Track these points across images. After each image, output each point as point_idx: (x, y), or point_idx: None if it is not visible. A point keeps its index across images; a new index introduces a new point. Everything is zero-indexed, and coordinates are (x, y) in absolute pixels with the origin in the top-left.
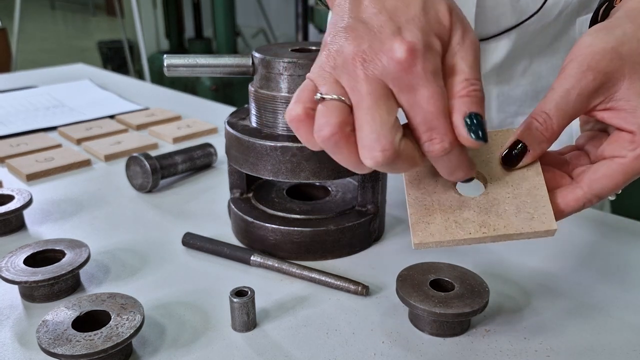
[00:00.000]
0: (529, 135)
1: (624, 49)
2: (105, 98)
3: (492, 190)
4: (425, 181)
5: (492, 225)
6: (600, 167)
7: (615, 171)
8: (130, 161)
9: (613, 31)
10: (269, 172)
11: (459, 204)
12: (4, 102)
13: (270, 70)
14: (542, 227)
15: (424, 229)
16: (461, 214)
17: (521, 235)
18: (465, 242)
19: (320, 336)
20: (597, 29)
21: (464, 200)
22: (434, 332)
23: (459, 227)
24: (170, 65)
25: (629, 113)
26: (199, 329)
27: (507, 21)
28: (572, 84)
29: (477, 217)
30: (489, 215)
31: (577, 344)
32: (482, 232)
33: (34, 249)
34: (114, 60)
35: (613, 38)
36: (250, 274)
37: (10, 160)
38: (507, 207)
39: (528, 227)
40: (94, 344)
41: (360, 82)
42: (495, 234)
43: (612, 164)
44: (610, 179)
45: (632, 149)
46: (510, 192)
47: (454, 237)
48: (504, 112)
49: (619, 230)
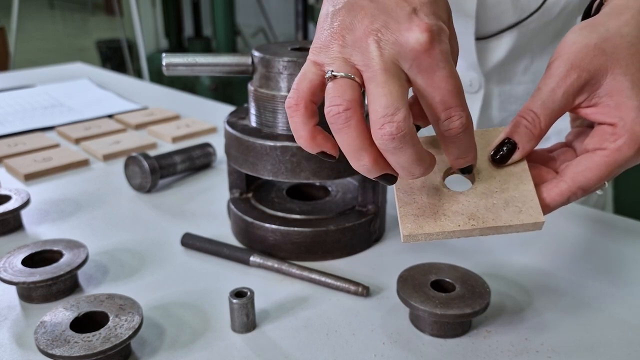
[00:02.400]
0: (517, 133)
1: (607, 45)
2: (104, 97)
3: (480, 185)
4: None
5: (480, 218)
6: (582, 160)
7: (597, 163)
8: (129, 161)
9: (597, 28)
10: (269, 172)
11: (448, 198)
12: (2, 102)
13: (270, 69)
14: (530, 219)
15: (412, 221)
16: (450, 207)
17: (510, 227)
18: (454, 235)
19: (320, 337)
20: (581, 27)
21: (452, 194)
22: (434, 333)
23: (448, 220)
24: (169, 64)
25: (611, 107)
26: (198, 330)
27: (508, 19)
28: (557, 82)
29: (466, 210)
30: (477, 208)
31: (578, 345)
32: (470, 224)
33: (32, 249)
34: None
35: (596, 35)
36: (250, 274)
37: (8, 160)
38: (495, 201)
39: (517, 219)
40: (92, 345)
41: (375, 60)
42: (484, 226)
43: (594, 156)
44: (592, 170)
45: (613, 140)
46: (498, 187)
47: (443, 229)
48: (505, 110)
49: (620, 230)
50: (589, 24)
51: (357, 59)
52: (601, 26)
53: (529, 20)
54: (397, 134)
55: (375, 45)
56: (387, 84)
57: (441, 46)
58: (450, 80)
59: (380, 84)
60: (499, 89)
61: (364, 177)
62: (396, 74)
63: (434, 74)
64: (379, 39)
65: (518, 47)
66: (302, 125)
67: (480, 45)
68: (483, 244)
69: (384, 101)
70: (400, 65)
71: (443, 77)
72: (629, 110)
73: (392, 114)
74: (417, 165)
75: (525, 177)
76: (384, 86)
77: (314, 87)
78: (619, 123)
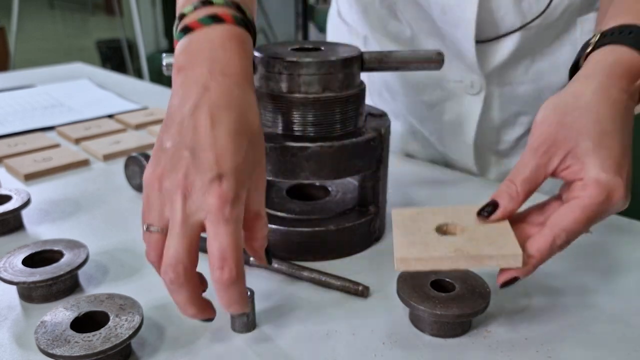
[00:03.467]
0: (500, 197)
1: (567, 119)
2: (104, 97)
3: (466, 234)
4: (409, 224)
5: (466, 250)
6: (561, 209)
7: (573, 207)
8: (129, 161)
9: (561, 99)
10: (269, 172)
11: (438, 239)
12: (2, 102)
13: (270, 69)
14: (509, 251)
15: (406, 249)
16: (440, 244)
17: (492, 259)
18: (442, 263)
19: (320, 337)
20: (548, 103)
21: (442, 237)
22: (434, 332)
23: (436, 251)
24: (169, 64)
25: (578, 168)
26: (198, 330)
27: (510, 23)
28: (529, 157)
29: (453, 245)
30: (464, 245)
31: (578, 345)
32: (457, 253)
33: (32, 249)
34: (113, 60)
35: (559, 111)
36: (250, 274)
37: (8, 160)
38: (479, 242)
39: (497, 251)
40: (92, 345)
41: (178, 213)
42: (469, 255)
43: (570, 203)
44: (569, 214)
45: (583, 190)
46: (482, 235)
47: (432, 255)
48: (506, 111)
49: (621, 231)
50: (557, 96)
51: (167, 210)
52: (566, 95)
53: (531, 24)
54: (175, 280)
55: (181, 201)
56: (179, 236)
57: (231, 210)
58: (230, 237)
59: (174, 235)
60: (499, 90)
61: (364, 177)
62: (191, 229)
63: (218, 228)
64: (185, 195)
65: (519, 50)
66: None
67: (481, 49)
68: None
69: (171, 252)
70: (199, 217)
71: (224, 233)
72: (591, 167)
73: (174, 264)
74: (189, 306)
75: (506, 230)
76: (175, 237)
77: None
78: (585, 176)
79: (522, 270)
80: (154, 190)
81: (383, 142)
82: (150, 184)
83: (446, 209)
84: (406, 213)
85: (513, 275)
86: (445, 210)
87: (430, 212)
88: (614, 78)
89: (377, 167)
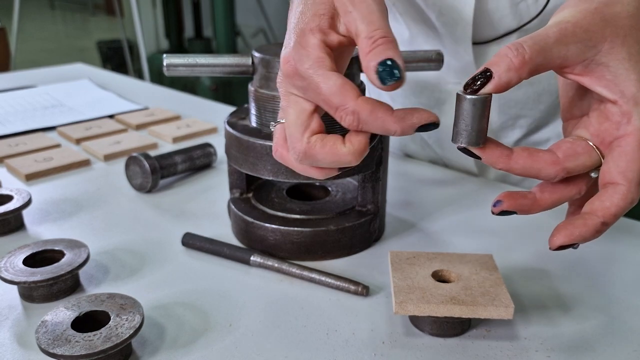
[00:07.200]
0: (497, 63)
1: (607, 11)
2: (105, 98)
3: (461, 283)
4: (407, 267)
5: (461, 299)
6: (619, 155)
7: (633, 148)
8: (129, 161)
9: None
10: (269, 172)
11: (434, 285)
12: (3, 102)
13: (270, 69)
14: (501, 304)
15: (405, 294)
16: (436, 290)
17: (485, 310)
18: (438, 309)
19: (320, 336)
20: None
21: (438, 284)
22: (434, 332)
23: (434, 297)
24: (169, 64)
25: (609, 80)
26: (198, 329)
27: (507, 25)
28: (551, 24)
29: (448, 293)
30: (459, 293)
31: (578, 345)
32: (452, 301)
33: (33, 249)
34: (114, 60)
35: (597, 0)
36: (250, 274)
37: (9, 160)
38: (474, 291)
39: (491, 303)
40: (93, 344)
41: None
42: (463, 305)
43: (621, 145)
44: (630, 156)
45: (627, 121)
46: (475, 285)
47: (429, 301)
48: (505, 114)
49: (621, 231)
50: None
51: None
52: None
53: (527, 25)
54: (298, 157)
55: (281, 81)
56: (285, 112)
57: (301, 65)
58: (322, 86)
59: (282, 107)
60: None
61: (364, 177)
62: (292, 101)
63: (308, 87)
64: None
65: None
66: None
67: (478, 50)
68: (483, 244)
69: (287, 132)
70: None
71: (315, 86)
72: (629, 84)
73: (289, 139)
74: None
75: (498, 279)
76: (285, 115)
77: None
78: (620, 100)
79: (589, 230)
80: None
81: (383, 142)
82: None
83: (442, 255)
84: (403, 255)
85: (576, 237)
86: (442, 256)
87: (426, 257)
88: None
89: (376, 167)
